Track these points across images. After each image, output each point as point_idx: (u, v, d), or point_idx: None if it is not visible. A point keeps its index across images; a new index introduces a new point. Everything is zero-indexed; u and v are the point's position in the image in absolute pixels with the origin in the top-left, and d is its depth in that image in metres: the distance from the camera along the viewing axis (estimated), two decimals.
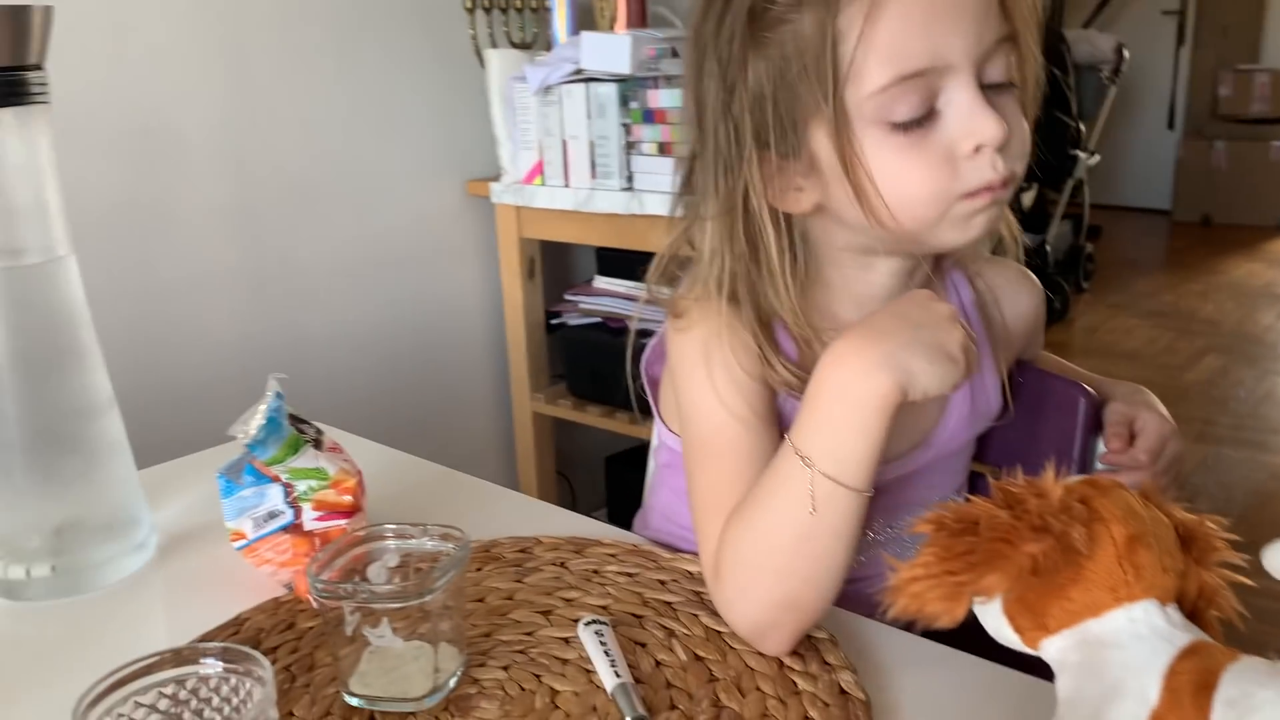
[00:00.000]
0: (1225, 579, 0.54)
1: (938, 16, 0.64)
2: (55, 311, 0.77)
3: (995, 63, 0.66)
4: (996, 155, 0.66)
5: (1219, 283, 4.67)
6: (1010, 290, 0.84)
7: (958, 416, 0.80)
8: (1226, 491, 2.62)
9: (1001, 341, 0.83)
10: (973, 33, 0.65)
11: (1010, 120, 0.66)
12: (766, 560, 0.65)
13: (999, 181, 0.67)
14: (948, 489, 0.82)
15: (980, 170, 0.66)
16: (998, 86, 0.67)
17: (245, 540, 0.77)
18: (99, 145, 1.54)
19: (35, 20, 0.71)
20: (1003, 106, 0.67)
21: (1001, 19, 0.66)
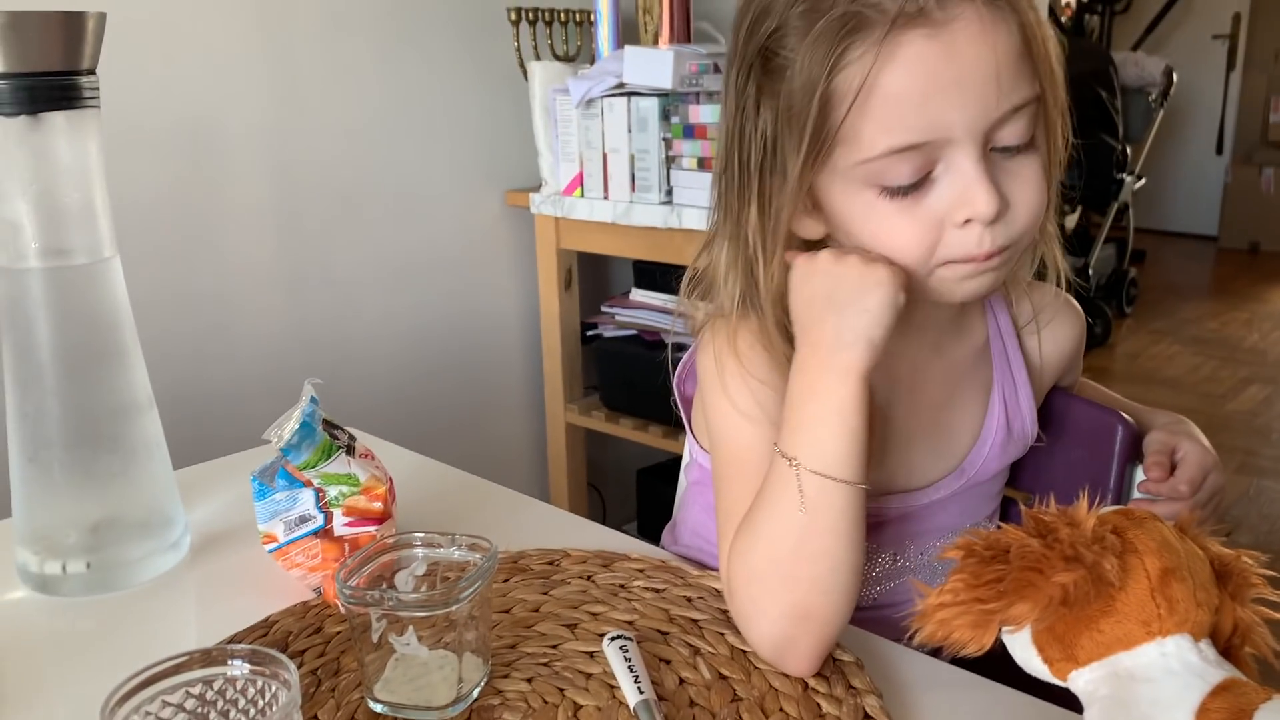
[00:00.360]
0: (1262, 616, 0.54)
1: (941, 91, 0.62)
2: (99, 312, 0.78)
3: (1010, 127, 0.64)
4: (986, 230, 0.64)
5: (1265, 311, 4.59)
6: (1050, 316, 0.83)
7: (992, 443, 0.79)
8: (1269, 524, 2.57)
9: (1037, 368, 0.83)
10: (978, 105, 0.62)
11: (1019, 185, 0.65)
12: (772, 569, 0.65)
13: (983, 255, 0.66)
14: (980, 515, 0.81)
15: (965, 242, 0.65)
16: (1014, 149, 0.65)
17: (276, 543, 0.77)
18: (146, 147, 1.56)
19: (89, 26, 0.72)
20: (1015, 170, 0.65)
21: (1019, 84, 0.63)
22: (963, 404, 0.79)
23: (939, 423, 0.78)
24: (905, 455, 0.77)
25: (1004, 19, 0.62)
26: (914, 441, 0.77)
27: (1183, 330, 4.32)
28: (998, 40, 0.62)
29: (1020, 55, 0.63)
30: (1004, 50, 0.62)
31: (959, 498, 0.80)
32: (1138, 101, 4.25)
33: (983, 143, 0.63)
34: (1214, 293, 5.05)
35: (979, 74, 0.62)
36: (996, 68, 0.62)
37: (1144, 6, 5.73)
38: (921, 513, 0.78)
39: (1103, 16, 5.60)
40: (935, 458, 0.78)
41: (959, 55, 0.61)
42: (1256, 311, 4.60)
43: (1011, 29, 0.62)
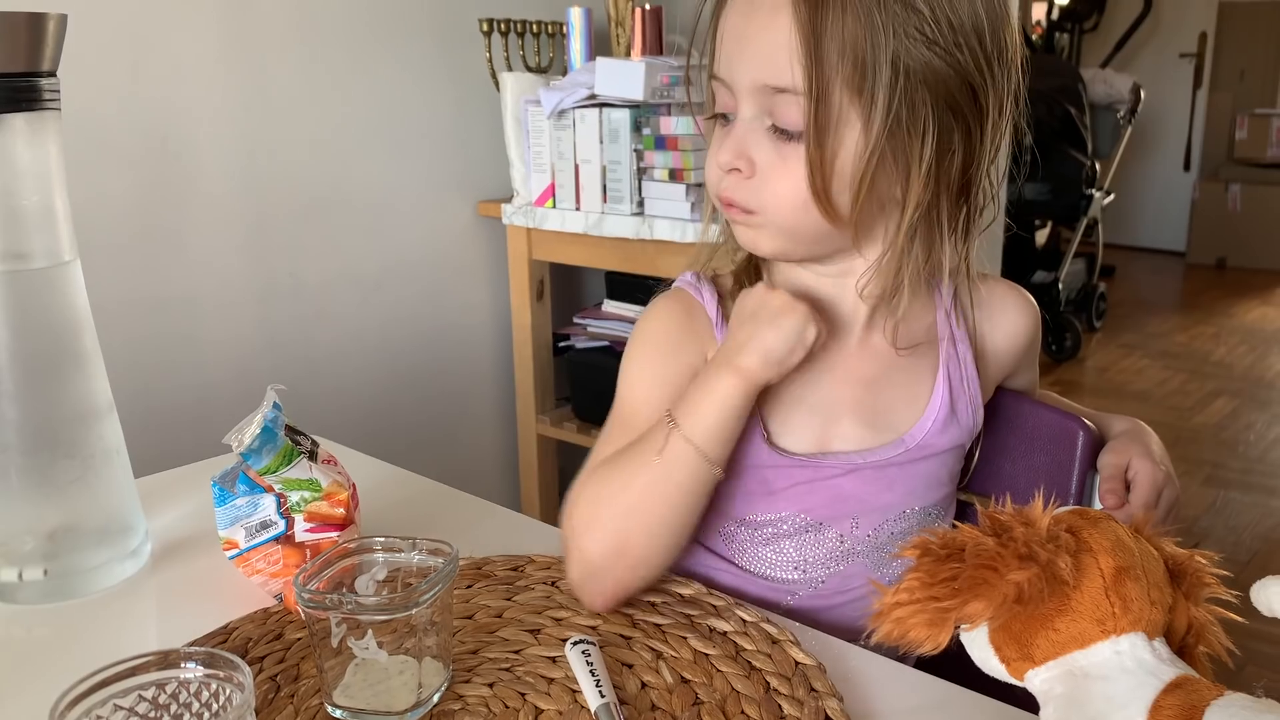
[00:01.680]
0: (1216, 615, 0.54)
1: (738, 39, 0.72)
2: (59, 316, 0.77)
3: (780, 108, 0.71)
4: (728, 177, 0.74)
5: (1232, 326, 4.65)
6: (1000, 307, 0.85)
7: (935, 419, 0.80)
8: (1235, 535, 2.59)
9: (987, 355, 0.84)
10: (751, 69, 0.71)
11: (774, 166, 0.72)
12: (617, 495, 0.73)
13: (723, 198, 0.76)
14: (927, 500, 0.82)
15: (720, 185, 0.76)
16: (785, 133, 0.71)
17: (237, 549, 0.77)
18: (115, 156, 1.55)
19: (50, 28, 0.72)
20: (778, 152, 0.72)
21: (793, 71, 0.69)
22: (903, 381, 0.81)
23: (871, 396, 0.80)
24: (835, 425, 0.80)
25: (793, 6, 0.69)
26: (841, 412, 0.80)
27: (1151, 344, 4.37)
28: (780, 23, 0.69)
29: (794, 48, 0.69)
30: (783, 34, 0.69)
31: (903, 475, 0.80)
32: (1106, 118, 4.31)
33: (759, 107, 0.72)
34: (1182, 307, 5.11)
35: (763, 41, 0.70)
36: (775, 46, 0.69)
37: (1112, 25, 5.81)
38: (866, 489, 0.79)
39: (1072, 34, 5.68)
40: (866, 429, 0.80)
41: (758, 14, 0.71)
42: (1223, 326, 4.66)
43: (794, 23, 0.69)
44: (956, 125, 0.72)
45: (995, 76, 0.72)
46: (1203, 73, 6.13)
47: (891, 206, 0.75)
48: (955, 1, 0.69)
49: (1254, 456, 3.12)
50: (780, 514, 0.80)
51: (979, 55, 0.70)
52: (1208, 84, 6.14)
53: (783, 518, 0.80)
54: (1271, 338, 4.45)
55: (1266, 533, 2.61)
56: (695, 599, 0.74)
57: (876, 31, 0.67)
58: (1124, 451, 0.81)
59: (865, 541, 0.80)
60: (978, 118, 0.72)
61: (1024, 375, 0.90)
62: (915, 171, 0.71)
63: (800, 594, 0.81)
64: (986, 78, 0.71)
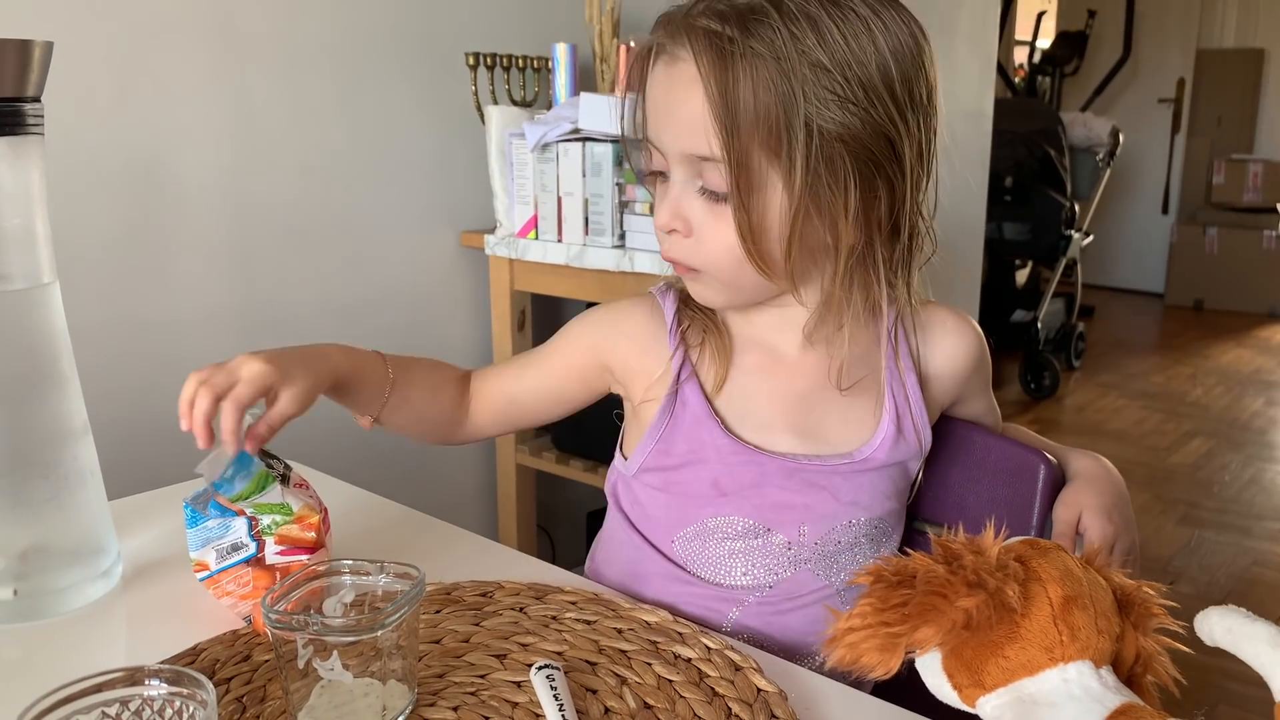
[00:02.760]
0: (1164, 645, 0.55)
1: (662, 109, 0.76)
2: (36, 337, 0.78)
3: (707, 173, 0.75)
4: (668, 238, 0.79)
5: (1209, 367, 4.70)
6: (940, 331, 0.88)
7: (882, 440, 0.83)
8: (1209, 575, 2.61)
9: (930, 378, 0.87)
10: (675, 139, 0.75)
11: (707, 226, 0.76)
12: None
13: (669, 259, 0.80)
14: (873, 511, 0.84)
15: (663, 241, 0.80)
16: (714, 194, 0.75)
17: (208, 571, 0.77)
18: (97, 180, 1.56)
19: (35, 54, 0.73)
20: (709, 212, 0.76)
21: (709, 141, 0.72)
22: (842, 404, 0.84)
23: (803, 413, 0.84)
24: (771, 433, 0.83)
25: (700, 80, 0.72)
26: (776, 425, 0.83)
27: (1129, 384, 4.41)
28: (695, 96, 0.72)
29: (709, 118, 0.72)
30: (698, 107, 0.72)
31: (848, 485, 0.83)
32: (1085, 161, 4.37)
33: (689, 171, 0.76)
34: (1160, 348, 5.16)
35: (682, 114, 0.74)
36: (692, 118, 0.73)
37: (1092, 70, 5.91)
38: (811, 497, 0.82)
39: (1053, 78, 5.77)
40: (798, 439, 0.83)
41: (675, 88, 0.74)
42: (1200, 367, 4.70)
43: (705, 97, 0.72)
44: (878, 174, 0.74)
45: (910, 125, 0.74)
46: (1181, 118, 6.23)
47: (824, 254, 0.78)
48: (864, 58, 0.72)
49: (1229, 496, 3.15)
50: (729, 517, 0.83)
51: (891, 108, 0.73)
52: (1186, 129, 6.24)
53: (732, 521, 0.83)
54: (1247, 379, 4.50)
55: (1240, 572, 2.62)
56: (661, 626, 0.75)
57: (787, 98, 0.71)
58: (1074, 505, 0.83)
59: (813, 550, 0.82)
60: (897, 165, 0.75)
61: (975, 402, 0.92)
62: (842, 221, 0.75)
63: (749, 601, 0.83)
64: (901, 129, 0.74)
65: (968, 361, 0.88)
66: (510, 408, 0.93)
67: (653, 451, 0.85)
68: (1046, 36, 5.97)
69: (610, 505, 0.93)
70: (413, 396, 0.89)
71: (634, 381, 0.87)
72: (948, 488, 0.89)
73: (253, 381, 0.75)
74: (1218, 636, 0.49)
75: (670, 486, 0.85)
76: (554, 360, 0.91)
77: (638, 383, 0.87)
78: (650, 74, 0.77)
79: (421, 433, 0.94)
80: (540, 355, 0.92)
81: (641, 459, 0.86)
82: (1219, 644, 0.49)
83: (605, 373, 0.89)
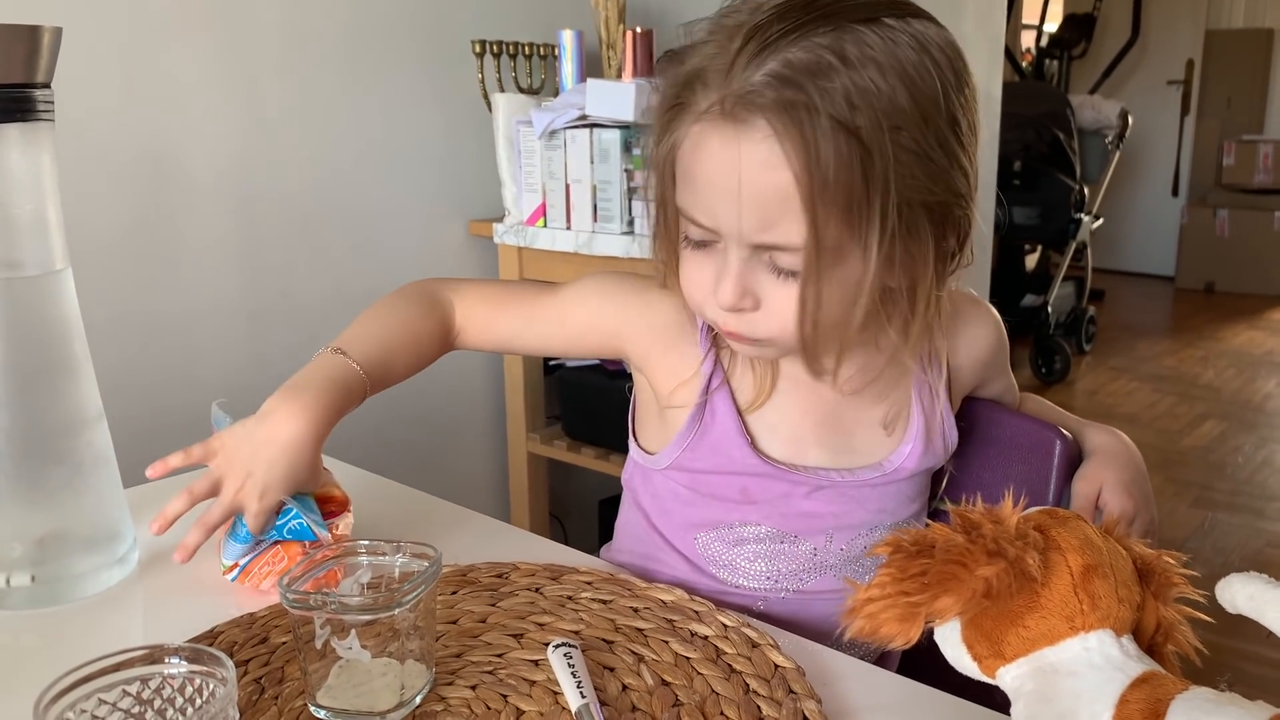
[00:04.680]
0: (1185, 615, 0.55)
1: (721, 192, 0.67)
2: (50, 324, 0.78)
3: (780, 255, 0.68)
4: (731, 315, 0.71)
5: (1220, 349, 4.68)
6: (962, 322, 0.85)
7: (910, 452, 0.82)
8: (1223, 557, 2.60)
9: (952, 371, 0.85)
10: (745, 225, 0.67)
11: (773, 300, 0.70)
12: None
13: (726, 331, 0.74)
14: (900, 516, 0.84)
15: (717, 315, 0.73)
16: (781, 269, 0.69)
17: (238, 568, 0.78)
18: (108, 170, 1.56)
19: (45, 40, 0.73)
20: (776, 286, 0.70)
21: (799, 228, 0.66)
22: (870, 419, 0.82)
23: (831, 428, 0.82)
24: (802, 447, 0.81)
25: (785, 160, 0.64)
26: (806, 438, 0.81)
27: (1140, 367, 4.40)
28: (776, 178, 0.65)
29: (796, 202, 0.65)
30: (780, 190, 0.65)
31: (876, 494, 0.82)
32: (1094, 143, 4.35)
33: (756, 250, 0.69)
34: (1171, 331, 5.14)
35: (758, 197, 0.66)
36: (770, 203, 0.65)
37: (1101, 52, 5.88)
38: (840, 508, 0.81)
39: (1061, 61, 5.74)
40: (829, 453, 0.81)
41: (747, 169, 0.65)
42: (1212, 349, 4.68)
43: (794, 179, 0.64)
44: (949, 224, 0.70)
45: (970, 153, 0.70)
46: (1190, 99, 6.20)
47: (890, 309, 0.73)
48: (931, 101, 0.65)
49: (1241, 478, 3.14)
50: (757, 526, 0.82)
51: (957, 148, 0.68)
52: (1195, 110, 6.21)
53: (759, 529, 0.82)
54: (1259, 361, 4.48)
55: (1254, 554, 2.62)
56: (677, 604, 0.75)
57: (870, 170, 0.64)
58: (1094, 480, 0.83)
59: (838, 555, 0.82)
60: (966, 208, 0.70)
61: (995, 384, 0.91)
62: (921, 279, 0.70)
63: (769, 599, 0.83)
64: (966, 164, 0.69)
65: (988, 349, 0.87)
66: (507, 345, 0.92)
67: (680, 457, 0.82)
68: (1054, 20, 5.93)
69: (626, 497, 0.92)
70: (391, 378, 0.87)
71: (656, 375, 0.84)
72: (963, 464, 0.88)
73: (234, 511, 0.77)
74: (1240, 603, 0.49)
75: (698, 486, 0.83)
76: (566, 327, 0.87)
77: (661, 378, 0.83)
78: (694, 148, 0.68)
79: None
80: (549, 314, 0.87)
81: (669, 460, 0.83)
82: (1241, 610, 0.49)
83: (619, 353, 0.86)
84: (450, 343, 0.89)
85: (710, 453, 0.81)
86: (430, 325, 0.87)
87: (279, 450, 0.76)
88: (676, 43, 0.72)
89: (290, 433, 0.76)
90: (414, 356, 0.87)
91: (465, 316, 0.89)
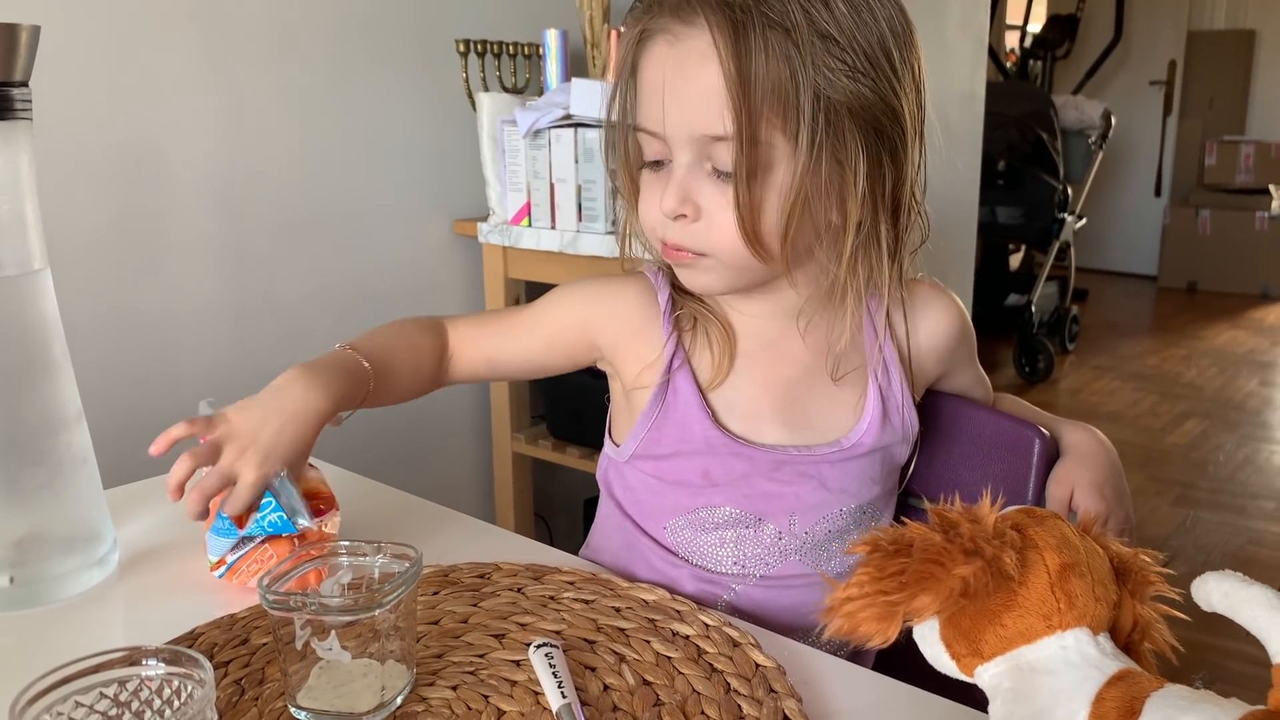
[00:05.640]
0: (1161, 613, 0.56)
1: (658, 90, 0.73)
2: (28, 324, 0.78)
3: (719, 153, 0.73)
4: (672, 224, 0.76)
5: (1202, 348, 4.71)
6: (922, 308, 0.87)
7: (868, 424, 0.83)
8: (1204, 555, 2.62)
9: (912, 355, 0.86)
10: (685, 121, 0.73)
11: (715, 207, 0.74)
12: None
13: (673, 245, 0.77)
14: (861, 497, 0.85)
15: (667, 232, 0.77)
16: (723, 173, 0.73)
17: (225, 565, 0.78)
18: (89, 168, 1.56)
19: (23, 39, 0.73)
20: (718, 192, 0.74)
21: (728, 118, 0.70)
22: (828, 391, 0.84)
23: (789, 402, 0.84)
24: (759, 423, 0.83)
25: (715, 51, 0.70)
26: (763, 412, 0.83)
27: (1123, 366, 4.42)
28: (709, 73, 0.70)
29: (724, 93, 0.70)
30: (713, 84, 0.70)
31: (836, 473, 0.83)
32: (1078, 143, 4.37)
33: (697, 154, 0.74)
34: (1153, 330, 5.17)
35: (692, 93, 0.72)
36: (705, 96, 0.71)
37: (1084, 52, 5.90)
38: (798, 483, 0.82)
39: (1045, 61, 5.76)
40: (785, 429, 0.83)
41: (685, 65, 0.72)
42: (1194, 348, 4.71)
43: (720, 73, 0.70)
44: (883, 147, 0.74)
45: (908, 94, 0.74)
46: (1172, 100, 6.23)
47: (828, 234, 0.77)
48: (866, 30, 0.72)
49: (1223, 476, 3.16)
50: (721, 507, 0.83)
51: (893, 76, 0.73)
52: (1177, 111, 6.24)
53: (723, 511, 0.83)
54: (1241, 360, 4.51)
55: (1235, 551, 2.63)
56: (659, 604, 0.75)
57: (798, 70, 0.70)
58: (1066, 482, 0.83)
59: (803, 539, 0.83)
60: (901, 137, 0.75)
61: (962, 375, 0.92)
62: (851, 197, 0.74)
63: (738, 589, 0.84)
64: (903, 97, 0.74)
65: (950, 336, 0.88)
66: (490, 368, 0.93)
67: (644, 439, 0.85)
68: (1038, 20, 5.96)
69: (602, 492, 0.93)
70: (392, 384, 0.88)
71: (624, 363, 0.87)
72: (943, 463, 0.89)
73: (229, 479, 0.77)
74: (1215, 601, 0.49)
75: (663, 474, 0.85)
76: (540, 331, 0.89)
77: (628, 365, 0.86)
78: (644, 58, 0.75)
79: (397, 401, 0.92)
80: (525, 322, 0.90)
81: (634, 446, 0.86)
82: (1216, 609, 0.49)
83: (593, 349, 0.89)
84: (446, 363, 0.91)
85: (674, 430, 0.83)
86: (429, 342, 0.91)
87: (288, 419, 0.78)
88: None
89: (304, 404, 0.79)
90: (414, 368, 0.89)
91: (457, 338, 0.92)
